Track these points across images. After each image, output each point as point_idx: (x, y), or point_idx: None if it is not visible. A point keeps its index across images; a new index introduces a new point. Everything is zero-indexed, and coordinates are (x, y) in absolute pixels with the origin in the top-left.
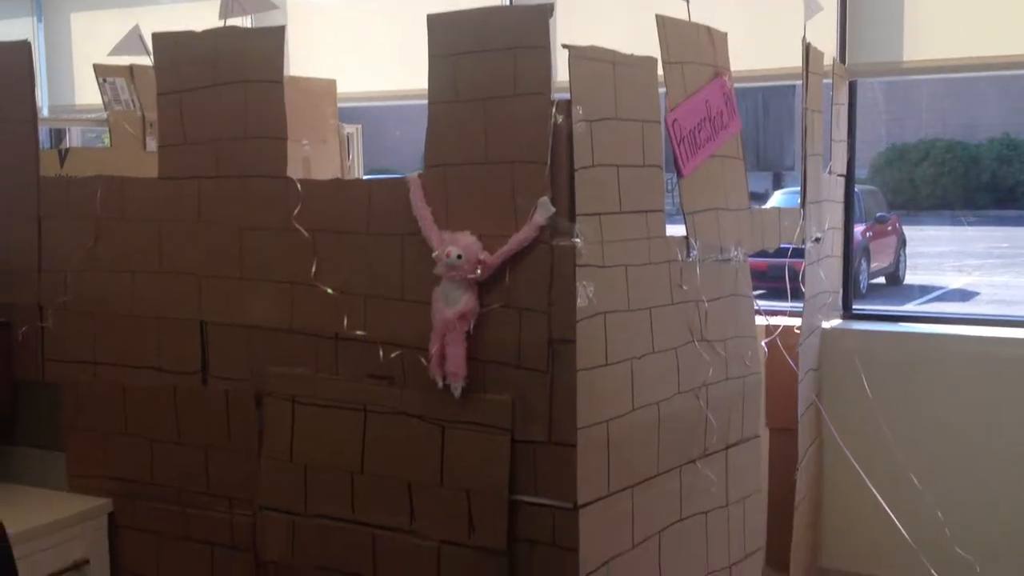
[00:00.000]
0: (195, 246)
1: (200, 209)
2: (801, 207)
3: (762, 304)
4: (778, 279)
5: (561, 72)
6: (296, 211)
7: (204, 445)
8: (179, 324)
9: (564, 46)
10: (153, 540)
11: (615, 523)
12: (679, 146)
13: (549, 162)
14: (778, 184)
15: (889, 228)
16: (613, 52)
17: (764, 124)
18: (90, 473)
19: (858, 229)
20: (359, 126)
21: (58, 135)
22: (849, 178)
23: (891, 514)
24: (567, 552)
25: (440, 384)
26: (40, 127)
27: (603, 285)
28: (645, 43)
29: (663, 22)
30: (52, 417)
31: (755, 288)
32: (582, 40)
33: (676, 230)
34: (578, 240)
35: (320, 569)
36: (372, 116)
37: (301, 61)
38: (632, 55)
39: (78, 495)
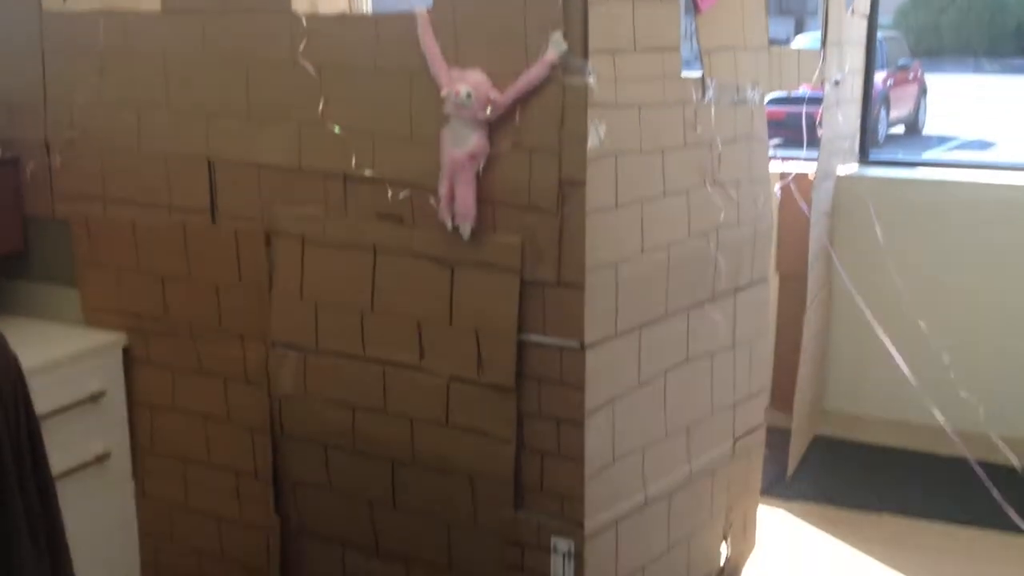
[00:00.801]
0: (201, 82)
1: (204, 44)
2: (822, 48)
3: (778, 153)
4: (795, 128)
5: None
6: (302, 46)
7: (215, 283)
8: (187, 161)
9: None
10: (168, 374)
11: (621, 363)
12: None
13: None
14: (800, 29)
15: (911, 76)
16: None
17: None
18: (104, 308)
19: (880, 76)
20: None
21: None
22: (872, 20)
23: (897, 356)
24: (573, 390)
25: (449, 225)
26: None
27: (615, 125)
28: None
29: None
30: (65, 253)
31: (772, 137)
32: None
33: (692, 72)
34: (591, 78)
35: (331, 403)
36: None
37: None
38: None
39: (93, 329)
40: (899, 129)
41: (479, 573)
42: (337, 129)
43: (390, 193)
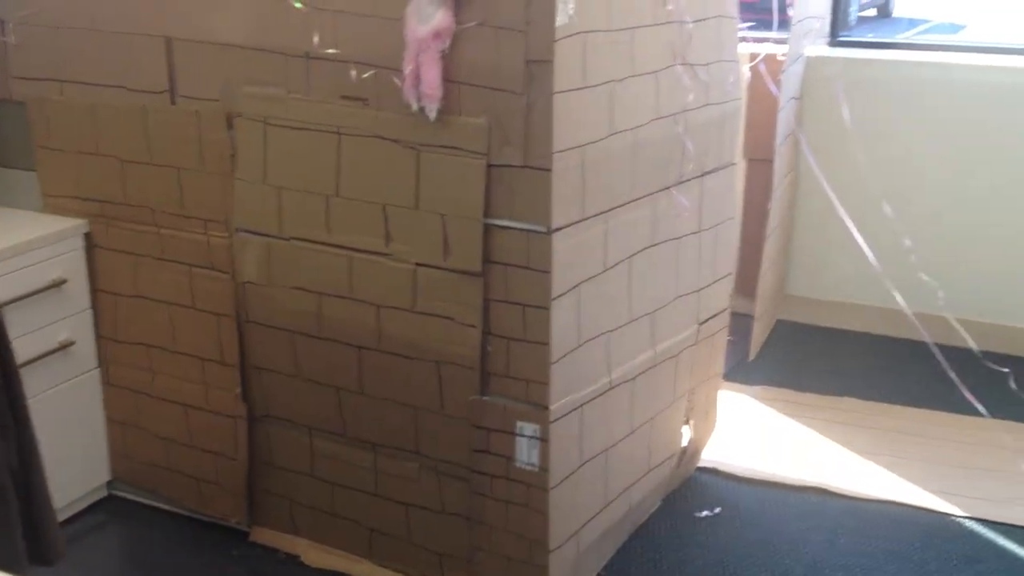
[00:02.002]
0: None
1: None
2: None
3: (748, 34)
4: (767, 11)
5: None
6: None
7: (176, 166)
8: (143, 40)
9: None
10: (130, 260)
11: (587, 247)
12: None
13: None
14: None
15: None
16: None
17: None
18: (64, 193)
19: None
20: None
21: None
22: None
23: (859, 239)
24: (540, 274)
25: (415, 106)
26: None
27: (584, 3)
28: None
29: None
30: (23, 136)
31: (744, 20)
32: None
33: None
34: None
35: (297, 289)
36: None
37: None
38: None
39: (53, 215)
40: (871, 12)
41: (445, 457)
42: (298, 4)
43: (354, 73)
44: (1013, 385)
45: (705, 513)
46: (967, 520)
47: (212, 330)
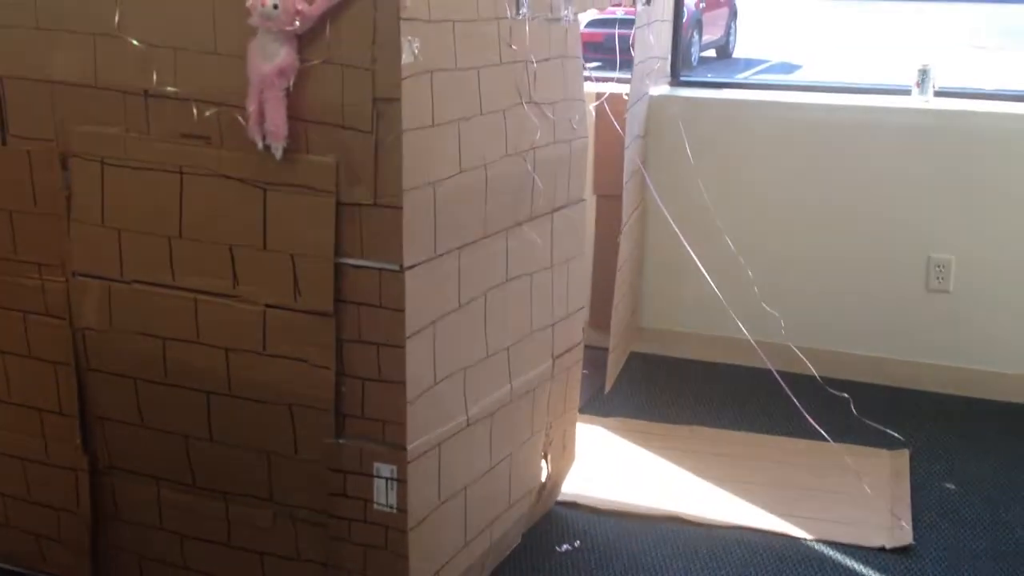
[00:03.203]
0: None
1: None
2: None
3: (593, 74)
4: (612, 51)
5: None
6: None
7: (8, 209)
8: None
9: None
10: None
11: (441, 284)
12: None
13: None
14: None
15: (721, 0)
16: None
17: None
18: None
19: (692, 1)
20: None
21: None
22: None
23: (705, 274)
24: (394, 313)
25: (260, 145)
26: None
27: (430, 41)
28: None
29: None
30: None
31: (591, 60)
32: None
33: None
34: None
35: (139, 335)
36: None
37: None
38: None
39: None
40: (711, 53)
41: (301, 502)
42: (135, 42)
43: (195, 111)
44: (854, 410)
45: (565, 547)
46: (816, 543)
47: (50, 379)
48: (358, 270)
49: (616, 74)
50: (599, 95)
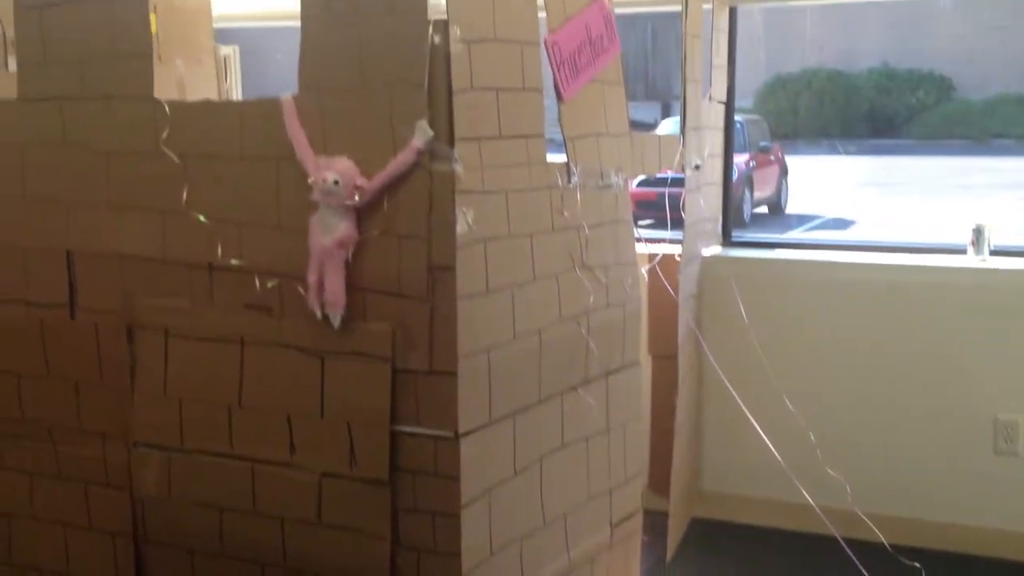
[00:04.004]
0: (60, 171)
1: (64, 132)
2: (681, 134)
3: (645, 233)
4: (665, 208)
5: None
6: (165, 134)
7: (74, 380)
8: (45, 254)
9: None
10: (26, 480)
11: (496, 451)
12: (559, 69)
13: (427, 84)
14: (667, 113)
15: (772, 158)
16: None
17: (652, 53)
18: None
19: (742, 159)
20: (235, 47)
21: None
22: (729, 105)
23: (765, 438)
24: (449, 481)
25: (319, 314)
26: None
27: (483, 211)
28: None
29: None
30: None
31: (644, 218)
32: None
33: (557, 158)
34: (457, 165)
35: (198, 505)
36: (252, 39)
37: None
38: None
39: None
40: (764, 209)
41: None
42: (202, 218)
43: (258, 283)
44: None
45: None
46: None
47: (108, 551)
48: (413, 437)
49: (668, 234)
50: (651, 256)
